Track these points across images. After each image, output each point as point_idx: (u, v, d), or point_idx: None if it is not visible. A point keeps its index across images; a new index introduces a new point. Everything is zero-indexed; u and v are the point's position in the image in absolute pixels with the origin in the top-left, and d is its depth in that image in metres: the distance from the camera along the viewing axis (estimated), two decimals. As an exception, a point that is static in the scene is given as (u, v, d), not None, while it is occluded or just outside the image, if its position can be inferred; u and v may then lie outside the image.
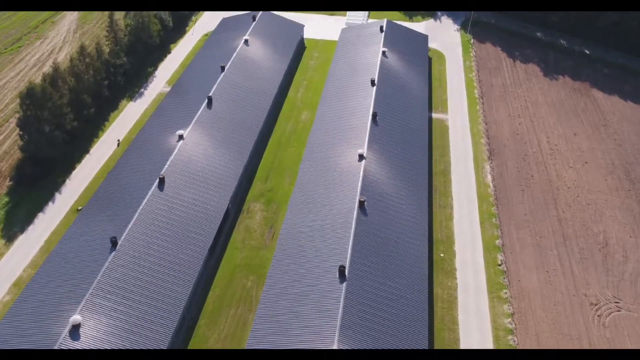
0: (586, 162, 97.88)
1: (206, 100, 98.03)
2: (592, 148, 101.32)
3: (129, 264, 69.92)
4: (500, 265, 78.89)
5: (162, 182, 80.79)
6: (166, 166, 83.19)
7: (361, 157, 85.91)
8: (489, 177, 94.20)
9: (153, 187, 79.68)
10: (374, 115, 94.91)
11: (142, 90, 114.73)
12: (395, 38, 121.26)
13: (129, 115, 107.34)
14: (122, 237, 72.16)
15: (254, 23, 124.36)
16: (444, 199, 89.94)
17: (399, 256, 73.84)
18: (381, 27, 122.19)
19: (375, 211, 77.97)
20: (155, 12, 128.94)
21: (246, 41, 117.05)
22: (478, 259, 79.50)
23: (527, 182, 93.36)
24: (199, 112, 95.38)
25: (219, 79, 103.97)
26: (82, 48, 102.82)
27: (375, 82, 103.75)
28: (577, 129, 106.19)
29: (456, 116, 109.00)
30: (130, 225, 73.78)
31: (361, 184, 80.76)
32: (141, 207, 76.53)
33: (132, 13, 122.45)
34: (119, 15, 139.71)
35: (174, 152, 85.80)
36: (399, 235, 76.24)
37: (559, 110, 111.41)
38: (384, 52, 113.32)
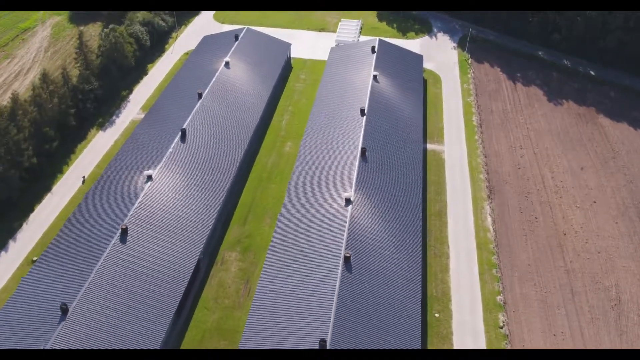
0: (594, 202, 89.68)
1: (179, 133, 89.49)
2: (600, 185, 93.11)
3: (80, 335, 61.33)
4: (502, 327, 70.59)
5: (124, 233, 72.23)
6: (130, 213, 74.62)
7: (348, 201, 77.54)
8: (489, 220, 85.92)
9: (114, 240, 71.13)
10: (363, 151, 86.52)
11: (113, 117, 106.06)
12: (388, 59, 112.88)
13: (98, 147, 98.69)
14: (74, 303, 63.58)
15: (237, 43, 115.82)
16: (440, 246, 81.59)
17: (388, 321, 65.45)
18: (373, 48, 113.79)
19: (363, 268, 69.56)
20: (131, 30, 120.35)
21: (227, 63, 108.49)
22: (477, 321, 71.20)
23: (531, 225, 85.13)
24: (171, 147, 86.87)
25: (195, 108, 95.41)
26: (45, 75, 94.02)
27: (365, 111, 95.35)
28: (583, 162, 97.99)
29: (453, 147, 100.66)
30: (84, 288, 65.22)
31: (347, 235, 72.38)
32: (99, 264, 68.01)
33: (104, 32, 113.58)
34: (90, 35, 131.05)
35: (140, 197, 77.21)
36: (389, 297, 67.83)
37: (564, 140, 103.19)
38: (375, 77, 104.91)
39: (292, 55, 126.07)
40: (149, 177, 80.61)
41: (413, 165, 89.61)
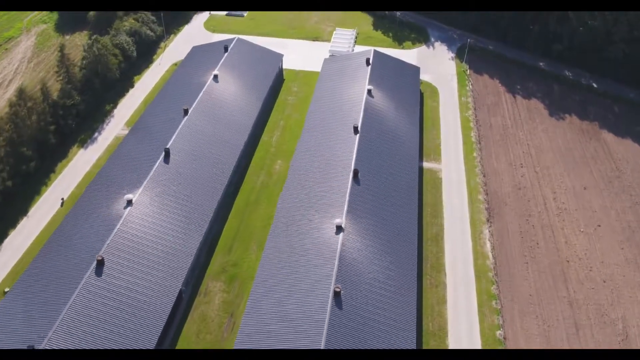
0: (599, 225, 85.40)
1: (163, 153, 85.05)
2: (604, 206, 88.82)
3: (48, 381, 56.88)
4: (502, 366, 66.12)
5: (100, 264, 67.80)
6: (107, 242, 70.20)
7: (339, 228, 73.17)
8: (488, 246, 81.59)
9: (89, 272, 66.71)
10: (356, 173, 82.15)
11: (96, 134, 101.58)
12: (383, 72, 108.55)
13: (79, 166, 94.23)
14: (43, 344, 59.16)
15: (226, 54, 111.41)
16: (436, 274, 77.23)
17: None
18: (367, 60, 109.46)
19: (353, 304, 65.18)
20: (116, 40, 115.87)
21: (215, 77, 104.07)
22: (476, 360, 66.70)
23: (532, 251, 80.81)
24: (154, 168, 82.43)
25: (180, 126, 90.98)
26: (21, 91, 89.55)
27: (359, 129, 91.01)
28: (587, 182, 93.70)
29: (451, 166, 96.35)
30: (55, 327, 60.82)
31: (337, 267, 67.98)
32: (72, 299, 63.65)
33: (87, 43, 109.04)
34: (75, 44, 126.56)
35: (119, 224, 72.76)
36: (382, 335, 63.44)
37: (566, 158, 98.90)
38: (369, 91, 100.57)
39: (284, 66, 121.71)
40: (129, 202, 76.16)
41: (408, 186, 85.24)
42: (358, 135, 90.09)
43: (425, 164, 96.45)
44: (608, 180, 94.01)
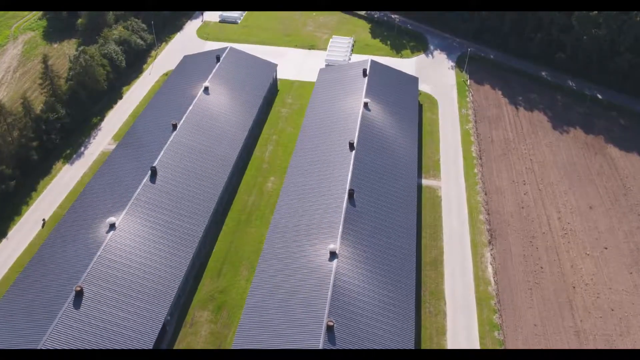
0: (606, 248, 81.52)
1: (149, 172, 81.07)
2: (611, 227, 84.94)
3: None
4: (505, 404, 62.23)
5: (79, 295, 63.83)
6: (87, 271, 66.25)
7: (333, 255, 69.24)
8: (490, 270, 77.69)
9: (66, 304, 62.74)
10: (351, 194, 78.20)
11: (82, 149, 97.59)
12: (381, 83, 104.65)
13: (63, 183, 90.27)
14: (15, 386, 55.18)
15: (218, 64, 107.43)
16: (436, 302, 73.29)
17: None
18: (364, 70, 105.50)
19: (348, 338, 61.23)
20: (104, 50, 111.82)
21: (206, 89, 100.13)
22: (477, 398, 62.83)
23: (536, 276, 76.91)
24: (139, 188, 78.44)
25: (168, 142, 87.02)
26: (1, 107, 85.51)
27: (355, 145, 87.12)
28: (592, 200, 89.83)
29: (450, 183, 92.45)
30: (27, 366, 56.75)
31: (330, 298, 64.04)
32: (47, 334, 59.65)
33: (74, 55, 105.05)
34: (63, 53, 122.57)
35: (100, 250, 68.78)
36: (377, 373, 59.50)
37: (571, 174, 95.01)
38: (366, 104, 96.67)
39: (279, 76, 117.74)
40: (112, 227, 72.16)
41: (407, 207, 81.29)
42: (354, 152, 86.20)
43: (424, 181, 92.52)
44: (614, 199, 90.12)
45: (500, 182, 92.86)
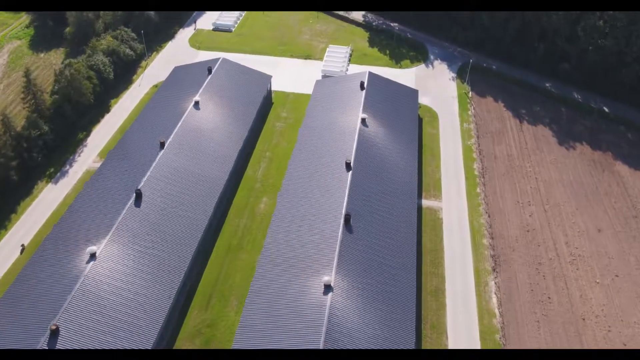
0: (617, 275, 77.22)
1: (134, 195, 76.65)
2: (622, 252, 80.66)
3: None
4: None
5: (54, 334, 59.42)
6: (64, 307, 61.85)
7: (327, 288, 64.92)
8: (494, 301, 73.35)
9: (41, 344, 58.30)
10: (347, 219, 73.86)
11: (66, 167, 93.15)
12: (379, 97, 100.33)
13: (44, 204, 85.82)
14: None
15: (210, 77, 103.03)
16: (437, 336, 68.93)
17: None
18: (362, 83, 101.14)
19: (342, 383, 56.84)
20: (91, 62, 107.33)
21: (196, 103, 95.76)
22: None
23: (544, 307, 72.58)
24: (123, 213, 74.03)
25: (154, 162, 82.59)
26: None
27: (351, 165, 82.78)
28: (601, 222, 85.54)
29: (452, 204, 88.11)
30: (-5, 417, 52.38)
31: (325, 334, 59.79)
32: (19, 379, 55.11)
33: (59, 68, 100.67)
34: (50, 63, 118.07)
35: (79, 283, 64.42)
36: (374, 422, 55.19)
37: (578, 194, 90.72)
38: (363, 120, 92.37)
39: (273, 88, 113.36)
40: (92, 256, 67.77)
41: (406, 232, 76.93)
42: (350, 172, 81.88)
43: (425, 202, 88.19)
44: (624, 221, 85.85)
45: (504, 203, 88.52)
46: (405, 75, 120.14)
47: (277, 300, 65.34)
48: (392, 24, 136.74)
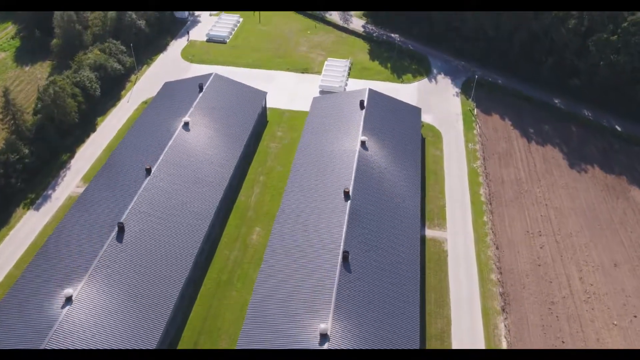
0: (635, 316, 71.78)
1: (116, 229, 71.21)
2: (640, 289, 75.31)
3: None
4: None
5: (22, 393, 53.88)
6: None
7: (324, 337, 59.48)
8: (504, 345, 67.90)
9: (6, 405, 52.83)
10: (345, 257, 68.43)
11: (48, 191, 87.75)
12: (379, 116, 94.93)
13: (22, 235, 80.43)
14: None
15: (201, 94, 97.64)
16: (442, 387, 63.39)
17: None
18: (361, 102, 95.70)
19: None
20: (77, 78, 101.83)
21: (186, 124, 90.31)
22: None
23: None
24: (104, 248, 68.61)
25: (139, 191, 77.14)
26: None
27: (350, 194, 77.36)
28: (617, 255, 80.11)
29: (457, 234, 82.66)
30: None
31: (320, 394, 54.28)
32: None
33: (42, 86, 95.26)
34: (35, 77, 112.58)
35: (51, 332, 58.91)
36: None
37: (591, 223, 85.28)
38: (363, 143, 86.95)
39: (268, 105, 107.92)
40: (68, 300, 62.34)
41: (409, 269, 71.41)
42: (349, 202, 76.44)
43: (428, 232, 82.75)
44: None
45: (512, 234, 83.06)
46: (407, 91, 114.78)
47: (271, 342, 59.83)
48: (393, 35, 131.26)
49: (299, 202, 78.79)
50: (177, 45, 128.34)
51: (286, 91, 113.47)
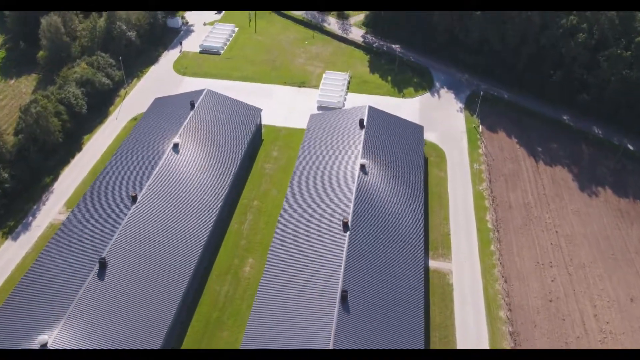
0: (655, 359, 66.71)
1: (97, 265, 66.21)
2: (659, 327, 70.39)
3: None
4: None
5: None
6: (3, 419, 51.37)
7: (320, 391, 54.51)
8: (516, 393, 62.89)
9: None
10: (344, 296, 63.55)
11: (28, 218, 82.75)
12: (380, 137, 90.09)
13: (-1, 266, 75.46)
14: None
15: (192, 112, 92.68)
16: None
17: None
18: (361, 121, 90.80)
19: None
20: (61, 95, 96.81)
21: (175, 146, 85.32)
22: None
23: (573, 402, 62.09)
24: (83, 288, 63.64)
25: (123, 222, 72.11)
26: None
27: (349, 224, 72.48)
28: (633, 289, 75.29)
29: (463, 265, 77.80)
30: None
31: None
32: None
33: (24, 106, 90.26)
34: (20, 92, 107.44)
35: (23, 386, 53.92)
36: None
37: (605, 252, 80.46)
38: (362, 167, 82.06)
39: (264, 122, 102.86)
40: (43, 347, 57.31)
41: (411, 307, 66.44)
42: (348, 233, 71.55)
43: (432, 263, 77.86)
44: (659, 287, 75.63)
45: (522, 264, 78.18)
46: (409, 106, 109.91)
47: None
48: (393, 46, 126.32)
49: (294, 234, 73.81)
50: (169, 57, 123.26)
51: (282, 107, 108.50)
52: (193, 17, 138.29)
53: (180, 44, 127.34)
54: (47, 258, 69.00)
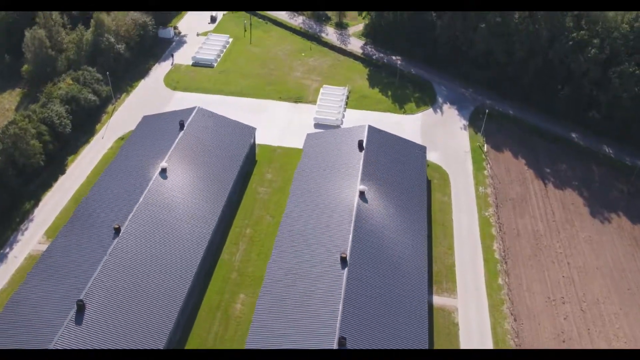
0: (678, 409, 61.72)
1: (75, 308, 61.16)
2: (681, 372, 65.20)
3: None
4: None
5: None
6: None
7: None
8: None
9: None
10: (342, 342, 58.52)
11: (5, 249, 77.72)
12: (380, 159, 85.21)
13: (-28, 304, 70.21)
14: None
15: (182, 133, 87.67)
16: None
17: None
18: (360, 143, 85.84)
19: None
20: (44, 114, 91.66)
21: (163, 171, 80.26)
22: None
23: None
24: (59, 333, 58.60)
25: (104, 258, 67.09)
26: None
27: (347, 259, 67.52)
28: (651, 327, 70.31)
29: (469, 302, 72.83)
30: None
31: None
32: None
33: (2, 129, 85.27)
34: (3, 108, 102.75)
35: None
36: None
37: (620, 286, 75.50)
38: (362, 194, 77.06)
39: (258, 141, 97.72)
40: (11, 406, 52.32)
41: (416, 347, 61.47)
42: (346, 269, 66.60)
43: (436, 299, 72.85)
44: (679, 325, 70.63)
45: (532, 300, 73.18)
46: (410, 123, 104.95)
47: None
48: (394, 58, 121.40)
49: (290, 268, 68.80)
50: (160, 70, 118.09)
51: (278, 124, 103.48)
52: (186, 27, 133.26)
53: (172, 55, 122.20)
54: (22, 297, 63.93)
